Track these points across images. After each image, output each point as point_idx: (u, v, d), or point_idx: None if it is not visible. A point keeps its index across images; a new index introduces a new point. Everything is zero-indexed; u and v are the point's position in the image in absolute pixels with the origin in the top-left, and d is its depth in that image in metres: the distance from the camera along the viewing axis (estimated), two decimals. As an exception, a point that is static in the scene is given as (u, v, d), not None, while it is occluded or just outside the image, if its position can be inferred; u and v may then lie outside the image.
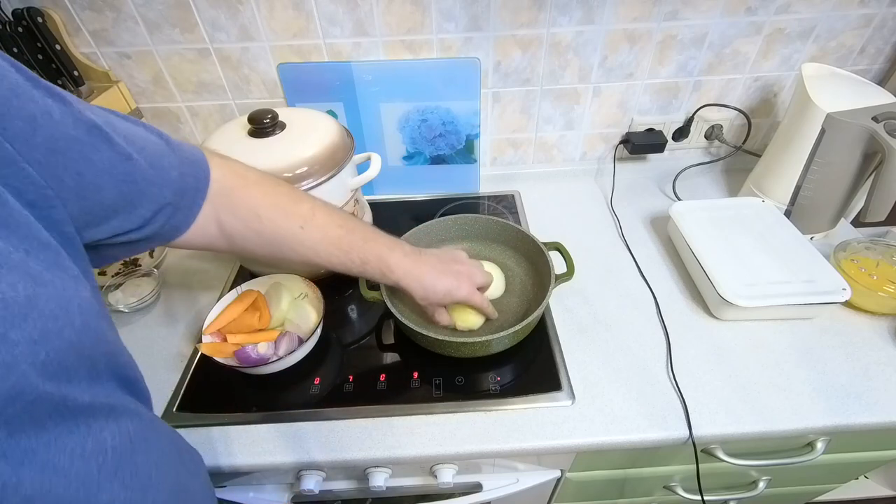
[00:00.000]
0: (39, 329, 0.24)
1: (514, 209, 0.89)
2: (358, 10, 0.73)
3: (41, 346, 0.24)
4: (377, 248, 0.51)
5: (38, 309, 0.24)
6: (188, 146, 0.41)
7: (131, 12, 0.72)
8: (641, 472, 0.68)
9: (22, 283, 0.23)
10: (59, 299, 0.25)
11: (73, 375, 0.26)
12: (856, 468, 0.75)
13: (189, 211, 0.40)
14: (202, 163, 0.41)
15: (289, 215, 0.46)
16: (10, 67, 0.27)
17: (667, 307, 0.69)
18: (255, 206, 0.44)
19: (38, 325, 0.24)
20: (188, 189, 0.39)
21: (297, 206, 0.47)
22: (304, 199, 0.48)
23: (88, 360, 0.28)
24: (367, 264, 0.50)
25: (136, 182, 0.34)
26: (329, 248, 0.48)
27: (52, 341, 0.25)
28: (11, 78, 0.27)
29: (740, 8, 0.76)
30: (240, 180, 0.44)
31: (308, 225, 0.46)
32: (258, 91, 0.82)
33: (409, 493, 0.66)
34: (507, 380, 0.61)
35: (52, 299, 0.25)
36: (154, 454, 0.33)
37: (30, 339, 0.23)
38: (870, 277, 0.65)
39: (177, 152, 0.39)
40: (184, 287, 0.76)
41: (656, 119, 0.89)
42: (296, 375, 0.62)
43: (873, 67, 0.85)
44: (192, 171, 0.40)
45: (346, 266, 0.50)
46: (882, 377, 0.59)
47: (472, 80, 0.80)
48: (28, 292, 0.24)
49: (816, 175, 0.71)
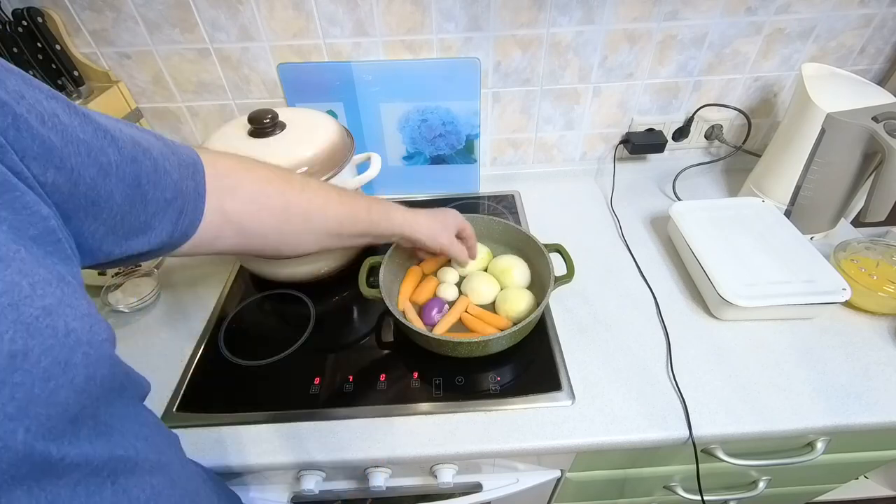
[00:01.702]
0: (20, 398, 0.20)
1: (514, 209, 0.89)
2: (358, 10, 0.73)
3: (18, 422, 0.20)
4: (374, 199, 0.54)
5: (24, 370, 0.21)
6: (182, 147, 0.40)
7: (131, 12, 0.72)
8: (641, 472, 0.68)
9: (10, 335, 0.20)
10: (59, 351, 0.22)
11: (67, 435, 0.24)
12: (856, 468, 0.75)
13: (194, 214, 0.39)
14: (196, 161, 0.40)
15: (289, 182, 0.46)
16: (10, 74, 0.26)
17: (667, 307, 0.69)
18: (259, 180, 0.44)
19: (17, 395, 0.20)
20: (189, 190, 0.38)
21: (291, 174, 0.48)
22: (292, 171, 0.50)
23: (90, 417, 0.25)
24: (371, 212, 0.52)
25: (140, 185, 0.32)
26: (334, 205, 0.49)
27: (37, 410, 0.21)
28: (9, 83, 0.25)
29: (740, 8, 0.76)
30: (234, 161, 0.44)
31: (307, 188, 0.47)
32: (258, 91, 0.82)
33: (409, 493, 0.66)
34: (507, 380, 0.61)
35: (49, 353, 0.22)
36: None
37: (3, 416, 0.20)
38: (870, 277, 0.65)
39: (176, 154, 0.38)
40: (184, 287, 0.76)
41: (656, 119, 0.89)
42: (296, 375, 0.62)
43: (873, 67, 0.85)
44: (189, 172, 0.39)
45: (354, 219, 0.50)
46: (882, 377, 0.59)
47: (472, 80, 0.80)
48: (14, 348, 0.20)
49: (816, 175, 0.71)
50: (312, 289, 0.74)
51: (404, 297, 0.68)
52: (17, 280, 0.21)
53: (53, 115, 0.26)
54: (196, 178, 0.39)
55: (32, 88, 0.26)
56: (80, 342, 0.24)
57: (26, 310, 0.21)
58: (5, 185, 0.22)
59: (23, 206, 0.23)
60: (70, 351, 0.23)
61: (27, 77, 0.26)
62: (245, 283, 0.77)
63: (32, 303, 0.22)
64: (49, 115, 0.26)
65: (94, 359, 0.24)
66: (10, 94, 0.24)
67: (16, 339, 0.20)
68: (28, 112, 0.24)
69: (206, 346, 0.66)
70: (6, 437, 0.20)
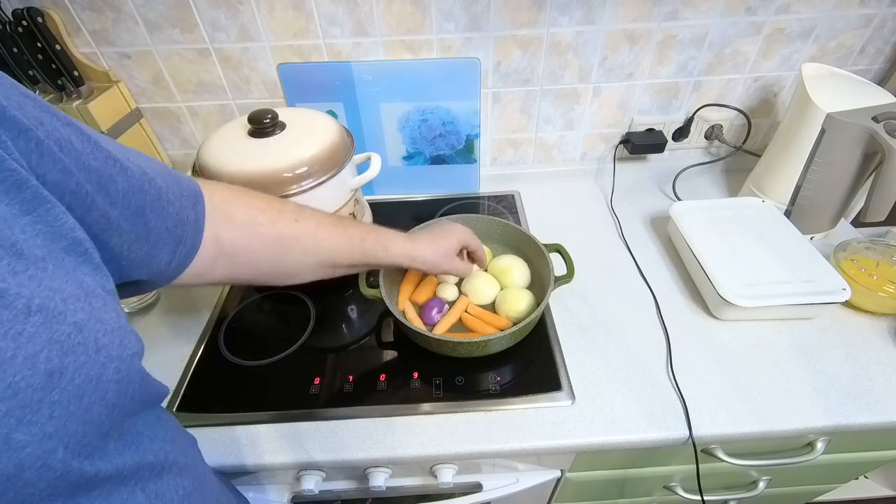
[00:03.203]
0: (58, 416, 0.20)
1: (514, 209, 0.89)
2: (358, 10, 0.73)
3: (57, 441, 0.21)
4: (370, 227, 0.53)
5: (61, 388, 0.21)
6: (184, 176, 0.40)
7: (131, 12, 0.72)
8: (641, 472, 0.68)
9: (46, 353, 0.20)
10: (91, 367, 0.22)
11: (98, 450, 0.24)
12: (856, 468, 0.75)
13: (192, 244, 0.38)
14: (198, 192, 0.40)
15: (282, 212, 0.46)
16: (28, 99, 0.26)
17: (667, 307, 0.69)
18: (251, 209, 0.44)
19: (55, 413, 0.20)
20: (189, 220, 0.38)
21: (284, 204, 0.47)
22: (287, 201, 0.49)
23: (117, 429, 0.25)
24: (366, 241, 0.51)
25: (144, 215, 0.32)
26: (327, 234, 0.48)
27: (73, 427, 0.21)
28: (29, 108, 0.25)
29: (740, 8, 0.76)
30: (228, 191, 0.44)
31: (300, 217, 0.47)
32: (258, 91, 0.82)
33: (409, 493, 0.66)
34: (507, 380, 0.61)
35: (82, 370, 0.22)
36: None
37: (42, 435, 0.20)
38: (870, 277, 0.65)
39: (179, 183, 0.37)
40: (184, 287, 0.76)
41: (656, 119, 0.89)
42: (296, 375, 0.62)
43: (873, 67, 0.85)
44: (190, 202, 0.38)
45: (349, 248, 0.49)
46: (882, 377, 0.59)
47: (472, 80, 0.80)
48: (50, 366, 0.20)
49: (816, 175, 0.71)
50: (312, 289, 0.73)
51: (404, 297, 0.68)
52: (50, 296, 0.21)
53: (68, 141, 0.26)
54: (196, 207, 0.39)
55: (49, 114, 0.26)
56: (111, 357, 0.24)
57: (59, 327, 0.21)
58: (39, 199, 0.23)
59: (54, 218, 0.23)
60: (101, 367, 0.23)
61: (42, 102, 0.26)
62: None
63: (65, 319, 0.22)
64: (65, 142, 0.26)
65: (125, 374, 0.25)
66: (30, 120, 0.24)
67: (51, 357, 0.20)
68: (47, 137, 0.24)
69: (207, 347, 0.67)
70: (46, 456, 0.20)
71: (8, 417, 0.19)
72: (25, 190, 0.22)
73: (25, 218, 0.22)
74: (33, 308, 0.20)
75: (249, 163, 0.60)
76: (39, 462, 0.20)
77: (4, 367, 0.19)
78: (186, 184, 0.39)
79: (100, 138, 0.30)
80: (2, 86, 0.24)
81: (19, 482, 0.20)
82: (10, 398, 0.19)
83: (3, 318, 0.19)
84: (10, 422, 0.19)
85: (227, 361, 0.64)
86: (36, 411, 0.20)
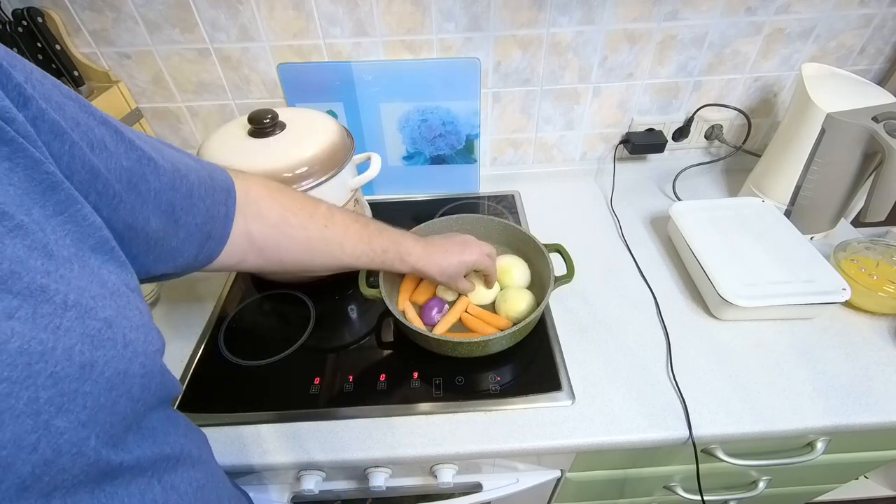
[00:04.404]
0: (90, 407, 0.22)
1: (514, 209, 0.89)
2: (358, 10, 0.73)
3: (90, 429, 0.22)
4: (392, 236, 0.54)
5: (93, 380, 0.22)
6: (219, 171, 0.40)
7: (131, 12, 0.72)
8: (641, 472, 0.68)
9: (79, 347, 0.21)
10: (119, 362, 0.23)
11: (121, 442, 0.25)
12: (856, 468, 0.75)
13: (220, 239, 0.39)
14: (230, 188, 0.40)
15: (313, 215, 0.47)
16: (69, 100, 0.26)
17: (667, 307, 0.69)
18: (284, 210, 0.45)
19: (88, 403, 0.21)
20: (219, 216, 0.39)
21: (317, 207, 0.48)
22: (321, 202, 0.49)
23: (137, 423, 0.26)
24: (387, 252, 0.52)
25: (174, 212, 0.33)
26: (353, 241, 0.50)
27: (103, 418, 0.22)
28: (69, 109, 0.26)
29: (740, 8, 0.76)
30: (264, 189, 0.45)
31: (330, 223, 0.48)
32: (258, 91, 0.82)
33: (409, 493, 0.66)
34: (507, 380, 0.61)
35: (111, 364, 0.23)
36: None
37: (78, 423, 0.21)
38: (870, 277, 0.65)
39: (212, 178, 0.38)
40: (184, 287, 0.76)
41: (656, 119, 0.89)
42: (296, 375, 0.62)
43: (873, 67, 0.85)
44: (222, 197, 0.39)
45: (370, 257, 0.51)
46: (882, 377, 0.59)
47: (472, 80, 0.80)
48: (83, 359, 0.21)
49: (816, 175, 0.71)
50: (312, 289, 0.74)
51: (404, 297, 0.68)
52: (80, 294, 0.23)
53: (101, 141, 0.27)
54: (228, 203, 0.40)
55: (86, 114, 0.27)
56: (137, 353, 0.25)
57: (91, 322, 0.22)
58: (70, 199, 0.24)
59: (83, 218, 0.24)
60: (129, 362, 0.24)
61: (81, 102, 0.27)
62: (245, 283, 0.77)
63: (96, 315, 0.23)
64: (98, 142, 0.27)
65: (149, 369, 0.26)
66: (68, 122, 0.25)
67: (84, 350, 0.22)
68: (81, 139, 0.25)
69: (207, 346, 0.67)
70: (80, 443, 0.21)
71: (49, 405, 0.20)
72: (59, 192, 0.23)
73: (57, 219, 0.23)
74: (69, 303, 0.22)
75: (249, 163, 0.60)
76: (75, 449, 0.21)
77: (46, 357, 0.20)
78: (220, 178, 0.39)
79: (136, 136, 0.31)
80: (43, 86, 0.24)
81: (55, 467, 0.20)
82: (52, 386, 0.20)
83: (45, 312, 0.21)
84: (51, 409, 0.20)
85: (227, 361, 0.64)
86: (73, 400, 0.21)
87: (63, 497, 0.21)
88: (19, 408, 0.19)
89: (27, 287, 0.20)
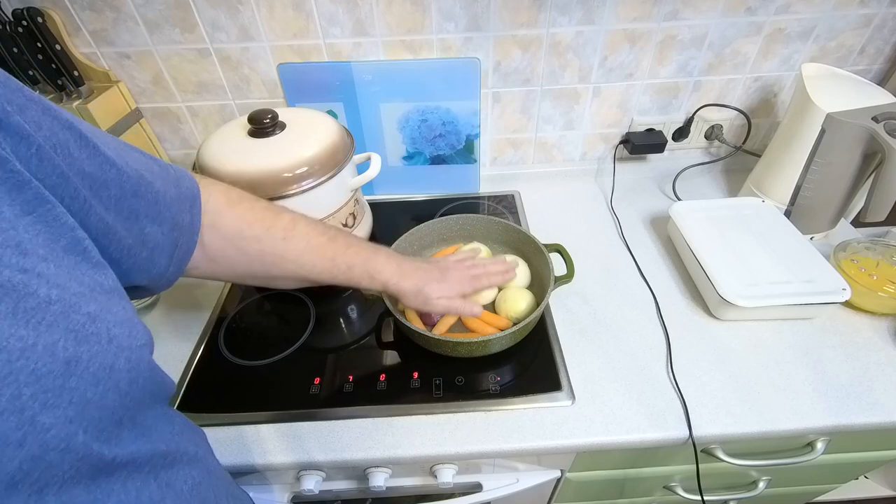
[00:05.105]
0: (77, 402, 0.21)
1: (514, 209, 0.89)
2: (358, 10, 0.73)
3: (78, 425, 0.22)
4: (362, 253, 0.51)
5: (78, 375, 0.22)
6: (185, 177, 0.39)
7: (131, 12, 0.72)
8: (641, 472, 0.68)
9: (63, 342, 0.21)
10: (104, 356, 0.23)
11: (114, 437, 0.25)
12: (856, 468, 0.75)
13: (188, 247, 0.38)
14: (196, 195, 0.39)
15: (271, 227, 0.45)
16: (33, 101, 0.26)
17: (667, 307, 0.69)
18: (240, 222, 0.44)
19: (74, 398, 0.21)
20: (185, 224, 0.38)
21: (278, 218, 0.46)
22: (285, 212, 0.48)
23: (130, 419, 0.26)
24: (352, 269, 0.50)
25: (139, 220, 0.32)
26: (313, 257, 0.48)
27: (91, 413, 0.22)
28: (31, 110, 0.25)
29: (740, 8, 0.76)
30: (224, 198, 0.44)
31: (290, 235, 0.46)
32: (258, 91, 0.82)
33: (409, 493, 0.66)
34: (507, 380, 0.61)
35: (96, 359, 0.23)
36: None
37: (65, 419, 0.21)
38: (870, 277, 0.65)
39: (178, 186, 0.37)
40: (184, 287, 0.76)
41: (656, 119, 0.89)
42: (296, 375, 0.62)
43: (873, 67, 0.85)
44: (187, 205, 0.38)
45: (333, 274, 0.49)
46: (882, 377, 0.59)
47: (472, 80, 0.80)
48: (67, 354, 0.21)
49: (816, 175, 0.71)
50: (312, 289, 0.73)
51: (404, 297, 0.68)
52: (63, 289, 0.23)
53: (65, 146, 0.27)
54: (193, 210, 0.39)
55: (50, 117, 0.26)
56: (122, 348, 0.25)
57: (75, 317, 0.23)
58: (39, 199, 0.23)
59: (54, 218, 0.24)
60: (114, 356, 0.24)
61: (45, 105, 0.27)
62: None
63: (79, 309, 0.23)
64: (62, 146, 0.26)
65: (135, 363, 0.26)
66: (30, 125, 0.24)
67: (67, 346, 0.22)
68: (45, 142, 0.25)
69: (206, 346, 0.67)
70: (69, 438, 0.21)
71: (33, 401, 0.20)
72: (27, 191, 0.23)
73: (26, 218, 0.23)
74: (52, 298, 0.22)
75: (249, 163, 0.60)
76: (63, 444, 0.21)
77: (27, 353, 0.20)
78: (186, 185, 0.39)
79: (100, 142, 0.30)
80: (6, 88, 0.24)
81: (44, 463, 0.21)
82: (34, 383, 0.20)
83: (27, 307, 0.21)
84: (36, 405, 0.20)
85: (227, 361, 0.64)
86: (58, 396, 0.21)
87: (57, 492, 0.22)
88: (2, 404, 0.19)
89: (8, 280, 0.20)
